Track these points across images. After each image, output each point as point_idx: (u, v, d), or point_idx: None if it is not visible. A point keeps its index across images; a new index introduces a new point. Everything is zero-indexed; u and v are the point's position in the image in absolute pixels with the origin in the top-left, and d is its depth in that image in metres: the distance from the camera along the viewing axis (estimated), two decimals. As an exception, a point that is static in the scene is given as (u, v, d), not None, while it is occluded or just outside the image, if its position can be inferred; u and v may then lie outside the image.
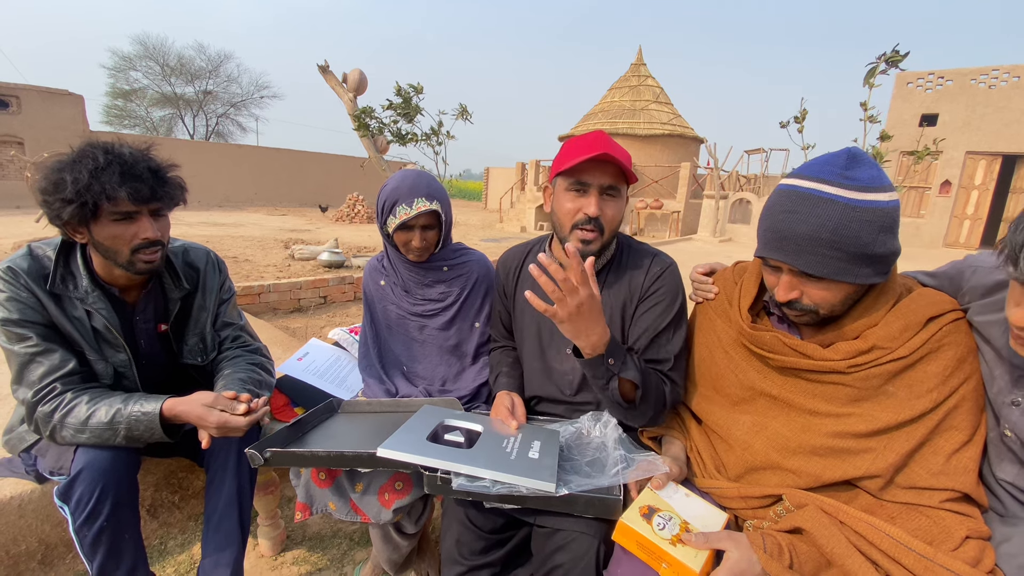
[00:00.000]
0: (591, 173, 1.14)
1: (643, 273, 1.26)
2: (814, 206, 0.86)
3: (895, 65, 3.28)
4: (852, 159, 0.88)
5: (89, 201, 1.11)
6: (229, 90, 28.23)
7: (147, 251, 1.21)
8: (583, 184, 1.15)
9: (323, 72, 6.63)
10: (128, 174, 1.13)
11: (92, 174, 1.10)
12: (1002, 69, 12.58)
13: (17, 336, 1.16)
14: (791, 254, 0.88)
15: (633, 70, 18.94)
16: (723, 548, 0.85)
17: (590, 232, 1.16)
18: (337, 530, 1.85)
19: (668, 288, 1.24)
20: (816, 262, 0.87)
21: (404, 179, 1.45)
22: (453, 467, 1.02)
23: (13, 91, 14.47)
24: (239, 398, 1.23)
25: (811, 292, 0.92)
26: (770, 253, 0.92)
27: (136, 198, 1.15)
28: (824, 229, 0.85)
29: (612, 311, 1.26)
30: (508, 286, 1.44)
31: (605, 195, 1.16)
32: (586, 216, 1.15)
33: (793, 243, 0.88)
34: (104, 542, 1.16)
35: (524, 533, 1.21)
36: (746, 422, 1.06)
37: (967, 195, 13.49)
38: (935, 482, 0.88)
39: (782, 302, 0.95)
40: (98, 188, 1.10)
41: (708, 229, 13.43)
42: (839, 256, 0.86)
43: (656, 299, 1.23)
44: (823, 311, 0.93)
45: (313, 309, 4.90)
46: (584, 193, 1.16)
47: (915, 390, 0.91)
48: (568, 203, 1.18)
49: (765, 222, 0.94)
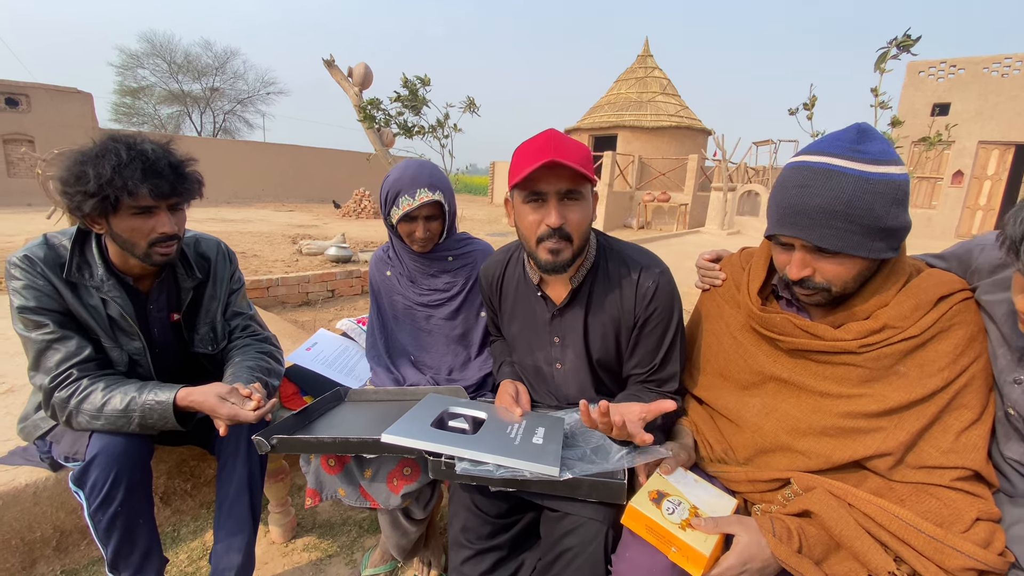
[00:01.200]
0: (545, 180, 1.05)
1: (633, 288, 1.17)
2: (827, 179, 0.85)
3: (907, 50, 3.22)
4: (862, 133, 0.88)
5: (111, 195, 1.12)
6: (236, 87, 28.29)
7: (163, 244, 1.23)
8: (538, 194, 1.07)
9: (328, 66, 6.64)
10: (150, 170, 1.15)
11: (115, 169, 1.11)
12: (1015, 57, 12.35)
13: (34, 323, 1.18)
14: (804, 228, 0.87)
15: (640, 62, 18.78)
16: (732, 532, 0.86)
17: (556, 242, 1.09)
18: (347, 517, 1.86)
19: (664, 306, 1.17)
20: (830, 236, 0.86)
21: (406, 169, 1.44)
22: (456, 452, 1.03)
23: (23, 89, 14.58)
24: (251, 396, 1.24)
25: (824, 269, 0.90)
26: (782, 229, 0.91)
27: (157, 194, 1.17)
28: (838, 202, 0.84)
29: (604, 328, 1.21)
30: (493, 298, 1.39)
31: (566, 200, 1.08)
32: (548, 228, 1.08)
33: (806, 217, 0.86)
34: (118, 527, 1.18)
35: (531, 517, 1.21)
36: (756, 405, 1.06)
37: (980, 185, 13.29)
38: (945, 460, 0.87)
39: (794, 280, 0.93)
40: (120, 183, 1.12)
41: (716, 222, 13.33)
42: (853, 229, 0.85)
43: (655, 322, 1.17)
44: (836, 288, 0.92)
45: (321, 302, 4.93)
46: (542, 203, 1.08)
47: (926, 369, 0.90)
48: (528, 216, 1.10)
49: (776, 199, 0.92)
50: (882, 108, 3.67)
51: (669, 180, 15.96)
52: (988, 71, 12.72)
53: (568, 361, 1.27)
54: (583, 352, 1.24)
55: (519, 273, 1.32)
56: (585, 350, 1.24)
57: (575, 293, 1.21)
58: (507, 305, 1.35)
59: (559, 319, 1.25)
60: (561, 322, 1.25)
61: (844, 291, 0.93)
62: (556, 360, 1.28)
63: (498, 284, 1.37)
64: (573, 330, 1.24)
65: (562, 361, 1.27)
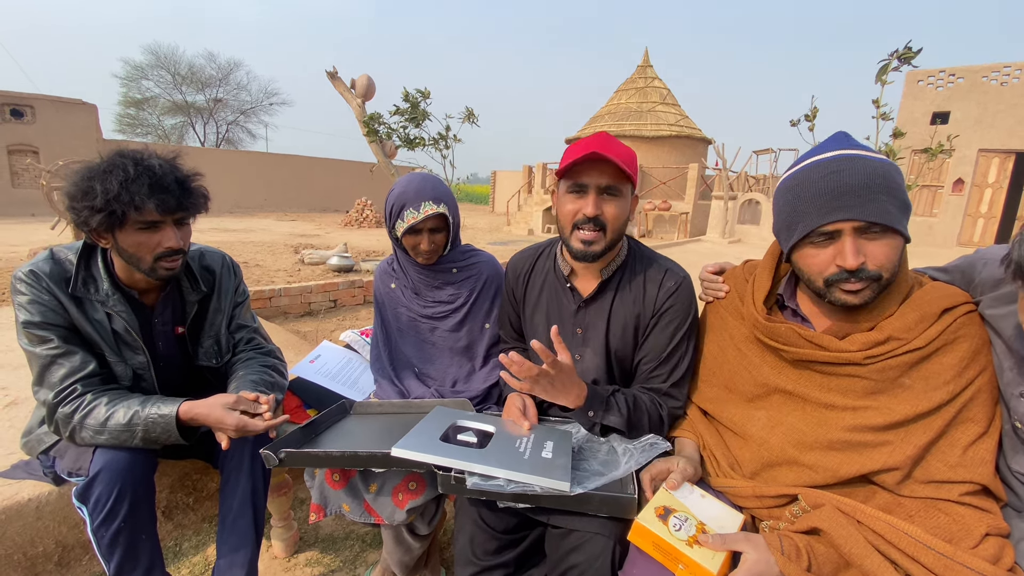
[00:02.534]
0: (588, 174, 1.14)
1: (657, 286, 1.24)
2: (854, 161, 0.87)
3: (908, 62, 3.24)
4: (847, 136, 0.94)
5: (118, 210, 1.13)
6: (239, 97, 28.57)
7: (169, 259, 1.24)
8: (581, 185, 1.16)
9: (332, 78, 6.69)
10: (157, 185, 1.16)
11: (122, 184, 1.12)
12: (1014, 66, 12.41)
13: (39, 338, 1.19)
14: (856, 207, 0.85)
15: (640, 72, 18.92)
16: (740, 550, 0.85)
17: (591, 232, 1.16)
18: (350, 532, 1.85)
19: (682, 305, 1.23)
20: (881, 210, 0.85)
21: (410, 183, 1.45)
22: (467, 466, 1.03)
23: (28, 100, 14.73)
24: (259, 399, 1.24)
25: (874, 253, 0.87)
26: (830, 215, 0.87)
27: (163, 209, 1.17)
28: (876, 175, 0.85)
29: (625, 321, 1.26)
30: (518, 290, 1.43)
31: (605, 195, 1.16)
32: (584, 216, 1.15)
33: (853, 196, 0.85)
34: (121, 543, 1.18)
35: (537, 533, 1.21)
36: (761, 418, 1.05)
37: (980, 193, 13.30)
38: (953, 475, 0.87)
39: (853, 268, 0.87)
40: (127, 198, 1.13)
41: (717, 230, 13.36)
42: (894, 203, 0.86)
43: (670, 316, 1.22)
44: (886, 275, 0.88)
45: (323, 313, 4.93)
46: (583, 194, 1.16)
47: (931, 382, 0.90)
48: (568, 204, 1.18)
49: (808, 192, 0.90)
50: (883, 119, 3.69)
51: (670, 189, 16.01)
52: (987, 80, 12.78)
53: (587, 355, 1.30)
54: (603, 346, 1.27)
55: (549, 265, 1.38)
56: (605, 344, 1.27)
57: (603, 286, 1.27)
58: (532, 295, 1.39)
59: (584, 311, 1.29)
60: (586, 314, 1.29)
61: (890, 280, 0.90)
62: (576, 352, 1.30)
63: (526, 275, 1.41)
64: (596, 323, 1.28)
65: (581, 353, 1.30)
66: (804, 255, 0.94)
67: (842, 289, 0.90)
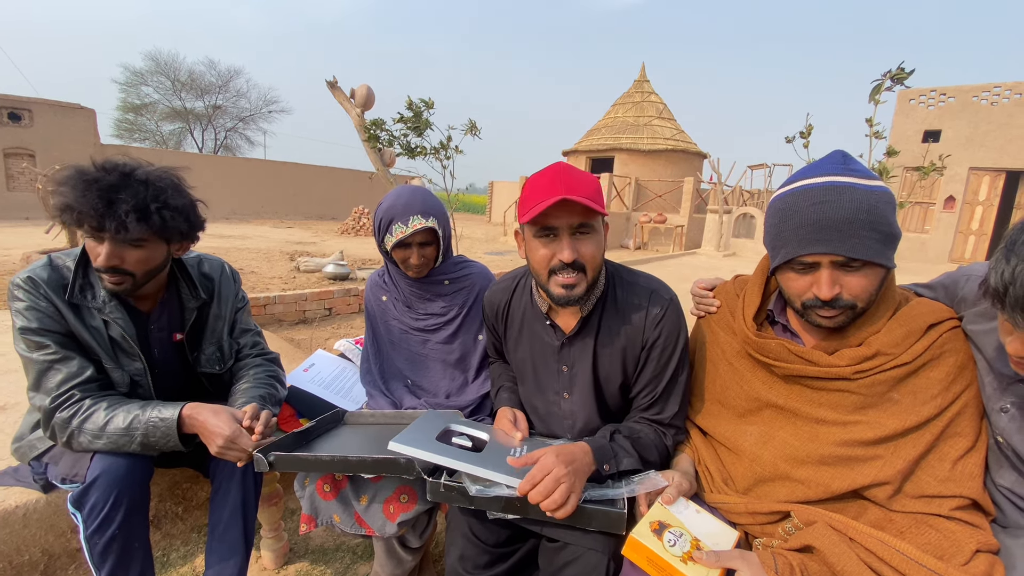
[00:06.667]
0: (556, 216, 1.04)
1: (643, 316, 1.17)
2: (841, 193, 0.87)
3: (900, 82, 3.30)
4: (845, 157, 0.93)
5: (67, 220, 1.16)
6: (238, 105, 28.62)
7: (107, 275, 1.20)
8: (550, 229, 1.06)
9: (331, 88, 6.73)
10: (94, 201, 1.12)
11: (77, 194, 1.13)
12: (1004, 86, 12.64)
13: (36, 344, 1.18)
14: (835, 242, 0.87)
15: (636, 86, 19.14)
16: (734, 567, 0.85)
17: (570, 276, 1.07)
18: (340, 543, 1.83)
19: (671, 333, 1.16)
20: (860, 245, 0.86)
21: (399, 197, 1.44)
22: (464, 467, 1.02)
23: (26, 104, 14.69)
24: (254, 428, 1.23)
25: (850, 284, 0.89)
26: (809, 247, 0.89)
27: (92, 227, 1.15)
28: (861, 211, 0.86)
29: (613, 356, 1.19)
30: (498, 326, 1.37)
31: (578, 234, 1.07)
32: (561, 262, 1.07)
33: (834, 230, 0.86)
34: (114, 550, 1.16)
35: (528, 547, 1.20)
36: (753, 433, 1.06)
37: (972, 211, 13.47)
38: (943, 489, 0.88)
39: (827, 299, 0.90)
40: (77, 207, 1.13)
41: (712, 243, 13.43)
42: (876, 237, 0.86)
43: (661, 346, 1.16)
44: (861, 304, 0.91)
45: (318, 321, 4.92)
46: (554, 238, 1.07)
47: (919, 396, 0.91)
48: (540, 250, 1.09)
49: (792, 221, 0.91)
50: (876, 138, 3.74)
51: (665, 202, 16.12)
52: (977, 99, 13.00)
53: (576, 391, 1.24)
54: (591, 382, 1.22)
55: (526, 300, 1.30)
56: (593, 380, 1.22)
57: (584, 322, 1.19)
58: (513, 331, 1.33)
59: (568, 348, 1.23)
60: (570, 351, 1.23)
61: (866, 307, 0.92)
62: (564, 390, 1.25)
63: (504, 311, 1.34)
64: (582, 359, 1.22)
65: (570, 391, 1.25)
66: (786, 278, 0.97)
67: (817, 313, 0.93)
